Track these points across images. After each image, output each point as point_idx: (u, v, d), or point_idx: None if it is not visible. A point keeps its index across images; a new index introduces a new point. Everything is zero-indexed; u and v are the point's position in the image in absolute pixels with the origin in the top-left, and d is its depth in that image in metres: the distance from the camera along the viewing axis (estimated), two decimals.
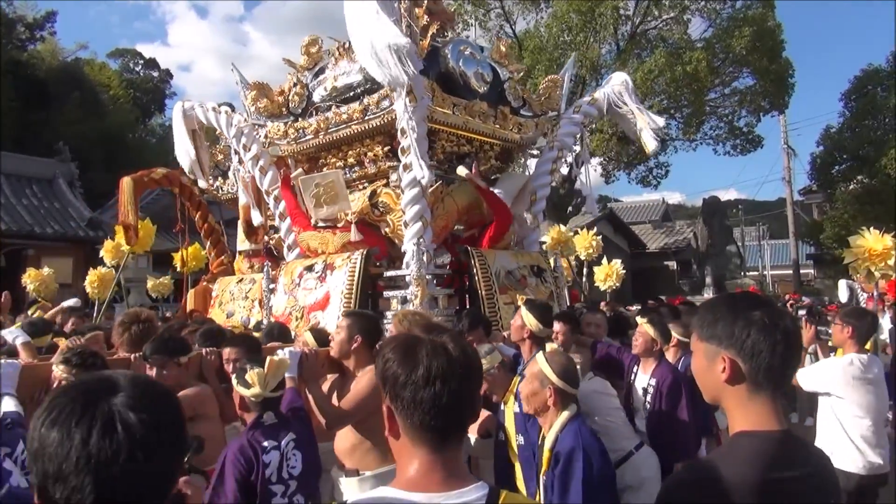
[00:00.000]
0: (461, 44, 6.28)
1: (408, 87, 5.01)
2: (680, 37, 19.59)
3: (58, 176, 20.71)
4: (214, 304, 7.13)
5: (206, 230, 8.81)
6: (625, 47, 19.64)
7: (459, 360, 1.32)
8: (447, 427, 1.32)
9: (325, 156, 6.55)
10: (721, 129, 21.71)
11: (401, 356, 1.33)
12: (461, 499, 1.28)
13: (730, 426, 1.53)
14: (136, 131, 35.92)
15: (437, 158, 6.11)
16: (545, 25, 19.33)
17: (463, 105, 6.04)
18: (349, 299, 5.27)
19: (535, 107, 7.00)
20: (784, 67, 19.98)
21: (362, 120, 5.84)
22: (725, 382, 1.49)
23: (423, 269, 5.05)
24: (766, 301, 1.54)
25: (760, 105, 20.81)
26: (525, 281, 5.78)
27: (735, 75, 20.60)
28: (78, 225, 19.25)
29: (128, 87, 36.47)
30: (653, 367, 4.38)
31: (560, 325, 4.60)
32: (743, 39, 18.39)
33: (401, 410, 1.32)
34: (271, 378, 2.85)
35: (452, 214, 6.13)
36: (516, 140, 6.77)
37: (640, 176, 22.11)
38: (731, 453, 1.47)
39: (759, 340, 1.45)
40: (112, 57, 40.86)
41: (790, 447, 1.46)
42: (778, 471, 1.39)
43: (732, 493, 1.35)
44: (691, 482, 1.46)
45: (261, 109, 6.56)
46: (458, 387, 1.30)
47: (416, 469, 1.31)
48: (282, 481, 2.77)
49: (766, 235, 36.10)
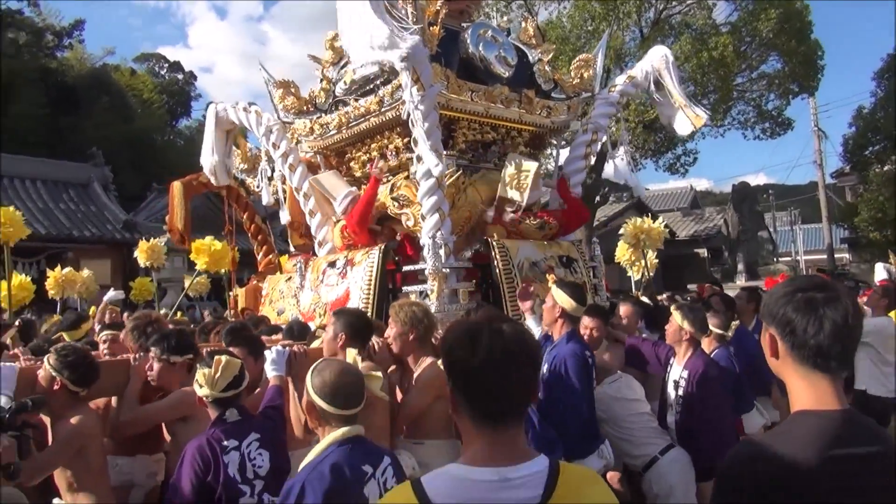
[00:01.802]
0: (480, 27, 6.10)
1: (414, 75, 4.86)
2: (704, 22, 19.30)
3: (93, 180, 21.18)
4: (265, 302, 7.24)
5: (254, 230, 8.98)
6: (648, 34, 19.39)
7: (517, 346, 1.41)
8: (506, 409, 1.41)
9: (350, 150, 6.52)
10: (749, 113, 21.35)
11: (462, 343, 1.42)
12: (524, 471, 1.37)
13: (791, 405, 1.58)
14: (164, 134, 36.46)
15: (458, 148, 5.96)
16: (567, 15, 19.18)
17: (482, 91, 5.85)
18: (368, 295, 5.20)
19: (567, 88, 6.69)
20: (813, 49, 19.57)
21: (379, 112, 5.77)
22: (772, 356, 1.58)
23: (440, 263, 4.93)
24: (821, 285, 1.56)
25: (789, 88, 20.41)
26: (552, 272, 5.58)
27: (762, 59, 20.22)
28: (114, 227, 19.69)
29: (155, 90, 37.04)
30: (686, 359, 4.22)
31: (592, 320, 4.47)
32: (770, 22, 18.07)
33: (463, 394, 1.42)
34: (220, 378, 2.81)
35: (476, 205, 5.95)
36: (546, 125, 6.49)
37: (667, 163, 21.85)
38: (789, 431, 1.51)
39: (794, 319, 1.50)
40: (138, 61, 41.52)
41: (851, 426, 1.48)
42: (837, 449, 1.41)
43: (789, 469, 1.39)
44: (748, 458, 1.50)
45: (287, 107, 6.56)
46: (516, 372, 1.39)
47: (480, 446, 1.41)
48: (247, 482, 2.74)
49: (799, 220, 35.45)
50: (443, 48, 5.61)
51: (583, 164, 6.57)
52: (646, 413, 4.21)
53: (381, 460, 2.40)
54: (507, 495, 1.34)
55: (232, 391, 2.87)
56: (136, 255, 11.90)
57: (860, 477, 1.41)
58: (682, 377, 4.18)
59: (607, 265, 7.41)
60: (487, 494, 1.34)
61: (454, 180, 5.71)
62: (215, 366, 2.81)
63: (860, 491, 1.41)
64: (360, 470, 2.30)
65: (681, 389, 4.16)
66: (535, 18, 20.09)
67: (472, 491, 1.34)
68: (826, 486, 1.38)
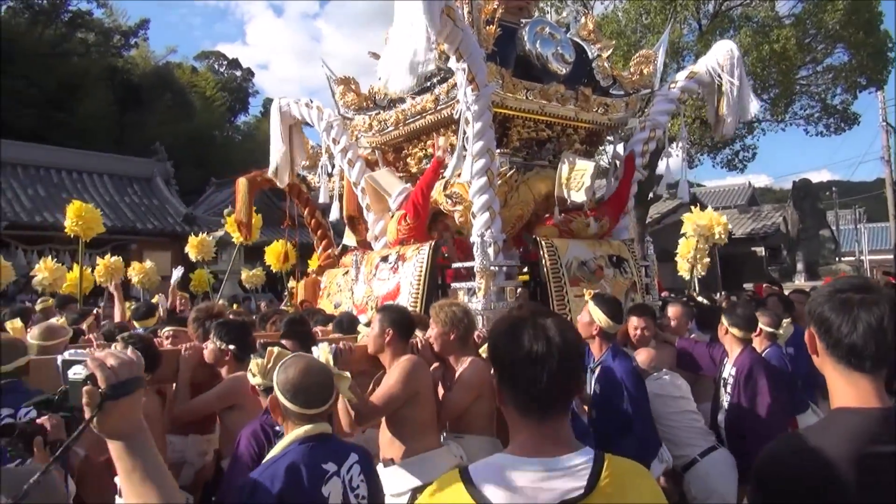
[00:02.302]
0: (538, 24, 6.06)
1: (469, 75, 4.82)
2: (767, 14, 18.75)
3: (156, 174, 21.97)
4: (323, 296, 7.36)
5: (314, 225, 9.20)
6: (707, 28, 18.96)
7: (560, 341, 1.44)
8: (551, 401, 1.45)
9: (407, 146, 6.57)
10: (813, 108, 20.64)
11: (507, 338, 1.47)
12: (569, 462, 1.41)
13: (830, 402, 1.60)
14: (223, 130, 37.49)
15: (512, 145, 5.95)
16: (622, 9, 18.91)
17: (538, 89, 5.79)
18: (417, 290, 5.23)
19: (627, 85, 6.56)
20: (882, 40, 18.79)
21: (435, 110, 5.82)
22: (813, 353, 1.62)
23: (488, 261, 4.91)
24: (862, 286, 1.58)
25: (856, 81, 19.66)
26: (601, 272, 5.51)
27: (828, 51, 19.51)
28: (175, 220, 20.40)
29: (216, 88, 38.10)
30: (735, 356, 4.22)
31: (641, 319, 4.51)
32: (836, 13, 17.43)
33: (508, 387, 1.47)
34: (272, 368, 2.81)
35: (529, 203, 5.89)
36: (603, 122, 6.39)
37: (725, 159, 21.34)
38: (828, 427, 1.53)
39: (830, 318, 1.54)
40: (198, 59, 42.77)
41: (890, 425, 1.47)
42: (875, 446, 1.42)
43: (827, 464, 1.41)
44: (787, 453, 1.53)
45: (348, 103, 6.64)
46: (559, 366, 1.42)
47: (526, 437, 1.45)
48: None
49: (864, 218, 34.08)
50: (500, 46, 5.60)
51: (640, 162, 6.41)
52: (690, 412, 4.16)
53: (347, 457, 2.39)
54: (553, 485, 1.37)
55: None
56: (187, 250, 12.33)
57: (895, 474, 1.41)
58: (731, 375, 4.19)
59: (661, 262, 7.21)
60: (533, 484, 1.37)
61: (507, 178, 5.70)
62: (268, 356, 2.90)
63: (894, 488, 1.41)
64: (321, 469, 2.27)
65: (729, 387, 4.17)
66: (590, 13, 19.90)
67: (519, 480, 1.38)
68: (861, 482, 1.39)
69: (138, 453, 1.35)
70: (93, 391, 1.29)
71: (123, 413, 1.33)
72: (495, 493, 1.37)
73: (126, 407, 1.33)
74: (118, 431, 1.33)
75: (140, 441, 1.36)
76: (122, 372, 1.33)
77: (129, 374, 1.34)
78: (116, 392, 1.31)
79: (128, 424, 1.34)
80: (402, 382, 3.35)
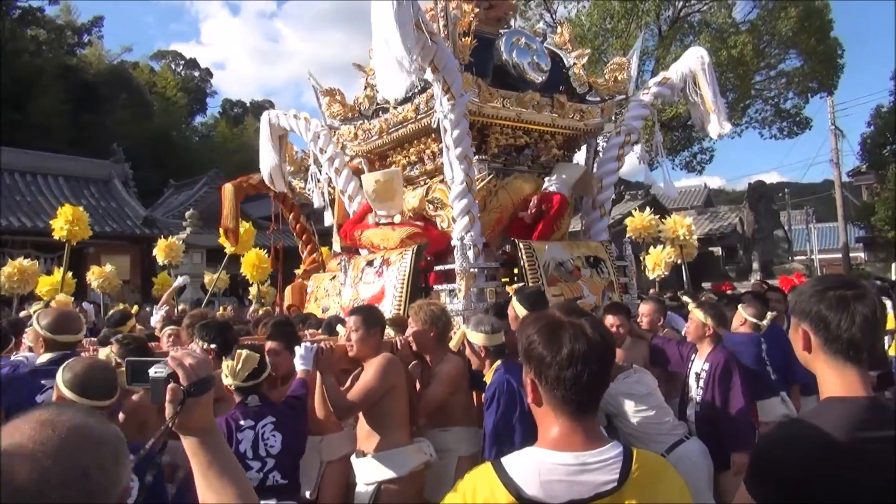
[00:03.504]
0: (514, 35, 6.24)
1: (445, 86, 5.02)
2: (724, 20, 19.31)
3: (113, 176, 21.46)
4: (310, 300, 7.50)
5: (299, 230, 9.34)
6: (667, 33, 19.43)
7: (598, 342, 1.49)
8: (586, 399, 1.49)
9: (392, 154, 6.75)
10: (767, 112, 21.38)
11: (545, 338, 1.50)
12: (601, 456, 1.45)
13: (820, 392, 1.68)
14: (182, 131, 36.81)
15: (491, 152, 6.10)
16: (586, 13, 19.23)
17: (514, 97, 5.97)
18: (401, 293, 5.41)
19: (602, 91, 6.75)
20: (832, 47, 19.56)
21: (415, 119, 5.99)
22: (804, 351, 1.69)
23: (467, 263, 5.08)
24: (848, 282, 1.68)
25: (808, 86, 20.41)
26: (578, 272, 5.68)
27: (782, 57, 20.23)
28: (134, 223, 19.96)
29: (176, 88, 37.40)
30: (707, 352, 4.33)
31: (616, 318, 4.59)
32: (790, 21, 18.08)
33: (545, 385, 1.50)
34: (241, 370, 3.15)
35: (507, 208, 6.08)
36: (580, 128, 6.55)
37: (684, 161, 21.92)
38: (821, 415, 1.62)
39: (828, 315, 1.61)
40: (155, 59, 41.89)
41: (879, 411, 1.59)
42: (866, 431, 1.53)
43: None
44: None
45: (334, 114, 6.83)
46: (597, 366, 1.47)
47: (558, 432, 1.49)
48: (258, 458, 3.09)
49: (814, 219, 35.23)
50: (478, 56, 5.76)
51: (616, 166, 6.66)
52: (658, 407, 4.18)
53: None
54: (586, 478, 1.42)
55: (252, 381, 3.22)
56: (155, 252, 12.11)
57: (885, 457, 1.51)
58: (703, 370, 4.29)
59: None
60: (568, 477, 1.41)
61: (486, 184, 5.86)
62: (237, 359, 3.16)
63: (885, 470, 1.50)
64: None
65: (701, 382, 4.27)
66: (553, 14, 20.20)
67: (553, 473, 1.42)
68: (854, 466, 1.48)
69: (214, 449, 1.39)
70: (176, 388, 1.34)
71: (202, 410, 1.37)
72: (530, 486, 1.41)
73: (204, 404, 1.38)
74: (197, 427, 1.37)
75: (215, 437, 1.41)
76: (200, 370, 1.38)
77: (205, 372, 1.39)
78: (197, 389, 1.36)
79: (205, 420, 1.39)
80: (379, 377, 3.50)
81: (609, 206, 6.86)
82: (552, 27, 19.54)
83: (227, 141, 36.61)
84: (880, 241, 24.24)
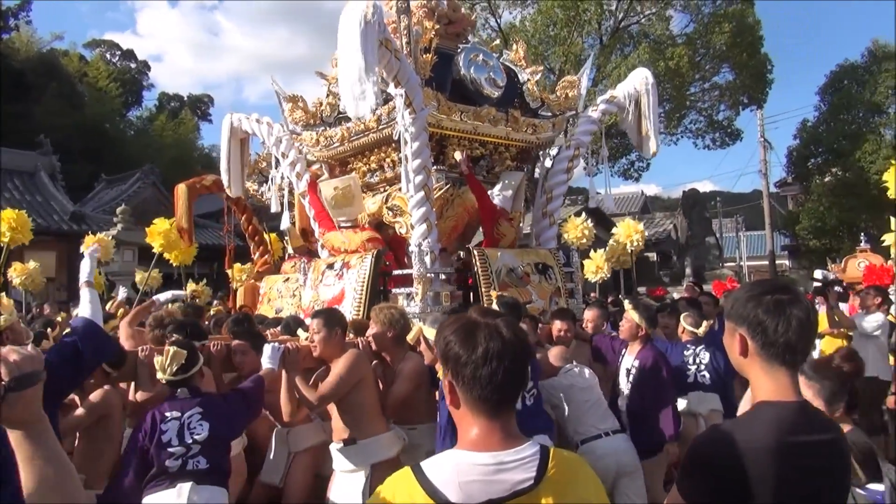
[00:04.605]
0: (472, 51, 6.55)
1: (407, 100, 5.33)
2: (662, 32, 19.89)
3: (39, 169, 20.53)
4: (263, 301, 7.66)
5: (251, 232, 9.45)
6: (608, 42, 19.88)
7: (512, 341, 1.49)
8: (502, 398, 1.49)
9: (353, 161, 6.96)
10: (701, 122, 22.12)
11: (461, 338, 1.50)
12: (518, 455, 1.45)
13: (752, 397, 1.74)
14: (116, 123, 35.45)
15: (448, 163, 6.41)
16: (531, 20, 19.49)
17: (472, 111, 6.30)
18: (361, 295, 5.68)
19: (554, 107, 7.18)
20: (762, 63, 20.39)
21: (377, 129, 6.24)
22: (740, 355, 1.71)
23: (425, 268, 5.38)
24: (783, 287, 1.72)
25: (739, 99, 21.23)
26: (528, 278, 6.01)
27: (715, 70, 20.95)
28: (61, 218, 19.09)
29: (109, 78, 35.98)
30: (638, 350, 4.69)
31: (563, 323, 5.00)
32: (723, 35, 18.75)
33: (461, 386, 1.49)
34: (169, 365, 3.41)
35: (462, 216, 6.43)
36: (532, 141, 6.95)
37: (622, 169, 22.46)
38: (752, 419, 1.67)
39: (766, 320, 1.64)
40: (88, 47, 40.29)
41: (807, 416, 1.65)
42: (795, 435, 1.59)
43: (752, 453, 1.55)
44: (715, 442, 1.66)
45: (296, 119, 7.02)
46: (512, 365, 1.47)
47: (477, 433, 1.48)
48: (183, 444, 3.28)
49: (743, 227, 36.68)
50: (437, 71, 6.08)
51: (565, 178, 7.05)
52: (595, 398, 4.50)
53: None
54: (504, 477, 1.42)
55: (181, 375, 3.45)
56: (82, 249, 11.61)
57: (813, 460, 1.58)
58: (633, 366, 4.65)
59: None
60: (485, 477, 1.42)
61: (443, 193, 6.13)
62: (165, 355, 3.42)
63: (812, 473, 1.58)
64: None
65: (631, 377, 4.64)
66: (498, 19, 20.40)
67: (471, 474, 1.42)
68: (783, 468, 1.54)
69: (38, 441, 1.45)
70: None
71: (26, 404, 1.43)
72: (448, 488, 1.41)
73: (28, 398, 1.43)
74: (19, 421, 1.43)
75: (40, 430, 1.47)
76: (24, 366, 1.43)
77: (31, 368, 1.44)
78: (18, 384, 1.41)
79: (29, 414, 1.44)
80: (347, 371, 3.72)
81: (558, 215, 7.20)
82: (496, 31, 19.81)
83: (164, 135, 35.42)
84: (803, 249, 25.46)
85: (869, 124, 22.64)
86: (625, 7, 19.59)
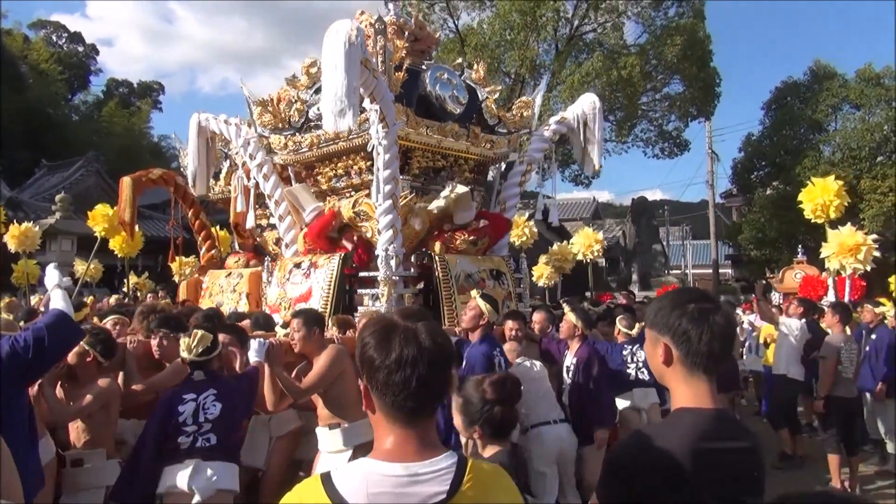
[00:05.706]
0: (438, 70, 7.09)
1: (380, 115, 5.67)
2: (616, 41, 20.24)
3: None
4: (205, 295, 7.84)
5: (198, 226, 9.50)
6: (563, 49, 20.14)
7: (429, 347, 1.40)
8: (418, 406, 1.41)
9: (320, 166, 7.25)
10: (651, 132, 22.58)
11: (376, 341, 1.42)
12: (433, 466, 1.39)
13: (672, 403, 1.75)
14: (60, 108, 34.24)
15: (412, 172, 6.82)
16: (488, 23, 19.60)
17: (436, 126, 6.77)
18: (328, 294, 6.11)
19: (509, 124, 7.73)
20: (711, 76, 20.92)
21: (347, 138, 6.58)
22: (663, 364, 1.72)
23: (390, 271, 5.78)
24: (704, 296, 1.76)
25: (688, 111, 21.73)
26: (483, 283, 6.45)
27: (666, 81, 21.41)
28: None
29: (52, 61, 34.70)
30: (576, 349, 5.28)
31: (515, 322, 5.36)
32: (675, 48, 19.16)
33: (375, 390, 1.42)
34: (195, 346, 3.73)
35: (425, 222, 6.74)
36: (489, 155, 7.48)
37: (572, 174, 22.74)
38: (671, 425, 1.70)
39: (689, 329, 1.66)
40: (33, 28, 38.83)
41: (724, 423, 1.69)
42: (712, 442, 1.62)
43: (670, 458, 1.59)
44: (635, 447, 1.68)
45: (265, 123, 7.28)
46: (427, 372, 1.38)
47: (391, 442, 1.42)
48: (196, 423, 3.62)
49: (689, 236, 37.60)
50: (404, 86, 6.52)
51: (518, 191, 7.71)
52: (543, 389, 5.03)
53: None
54: (416, 490, 1.36)
55: (203, 357, 3.77)
56: (6, 239, 11.18)
57: (729, 467, 1.62)
58: (572, 363, 5.25)
59: None
60: (396, 489, 1.36)
61: (407, 201, 6.46)
62: (193, 337, 3.76)
63: (728, 479, 1.61)
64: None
65: (570, 373, 5.24)
66: (456, 21, 20.45)
67: (382, 485, 1.36)
68: (698, 473, 1.56)
69: None
70: None
71: None
72: (356, 499, 1.35)
73: None
74: None
75: None
76: None
77: None
78: None
79: None
80: (329, 365, 4.21)
81: None
82: (454, 32, 19.87)
83: (113, 122, 34.31)
84: (745, 259, 26.23)
85: (809, 140, 23.42)
86: (580, 14, 19.87)
